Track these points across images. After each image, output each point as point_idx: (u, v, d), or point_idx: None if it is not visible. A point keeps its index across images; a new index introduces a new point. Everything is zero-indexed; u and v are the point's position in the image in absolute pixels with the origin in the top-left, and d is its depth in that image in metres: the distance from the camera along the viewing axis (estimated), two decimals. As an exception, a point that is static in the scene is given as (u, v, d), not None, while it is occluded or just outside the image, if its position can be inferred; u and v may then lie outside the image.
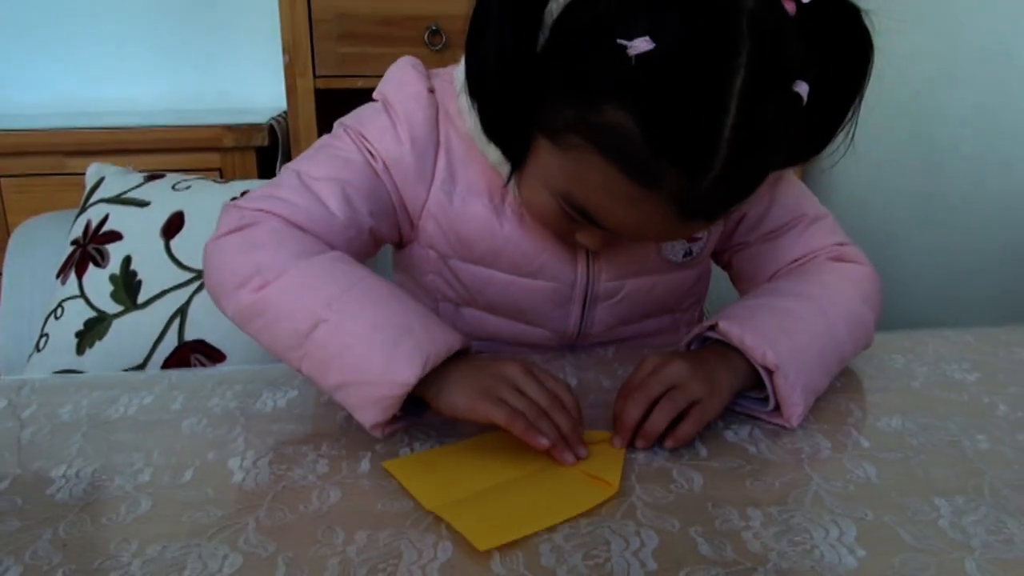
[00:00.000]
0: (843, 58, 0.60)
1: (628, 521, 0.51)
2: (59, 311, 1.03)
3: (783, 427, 0.64)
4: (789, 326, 0.66)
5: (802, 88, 0.56)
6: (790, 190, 0.79)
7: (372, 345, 0.58)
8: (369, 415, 0.58)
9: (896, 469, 0.57)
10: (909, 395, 0.70)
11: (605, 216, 0.60)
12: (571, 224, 0.65)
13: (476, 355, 0.64)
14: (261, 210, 0.66)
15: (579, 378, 0.73)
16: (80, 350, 1.00)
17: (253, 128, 1.52)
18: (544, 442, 0.56)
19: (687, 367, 0.62)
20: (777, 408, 0.64)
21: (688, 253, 0.76)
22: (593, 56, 0.54)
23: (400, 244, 0.78)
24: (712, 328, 0.67)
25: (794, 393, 0.63)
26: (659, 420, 0.59)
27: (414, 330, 0.59)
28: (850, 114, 0.62)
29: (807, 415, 0.65)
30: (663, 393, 0.60)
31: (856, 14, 0.60)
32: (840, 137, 0.63)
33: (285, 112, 1.55)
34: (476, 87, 0.61)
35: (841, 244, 0.77)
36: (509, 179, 0.67)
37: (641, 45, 0.51)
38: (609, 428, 0.62)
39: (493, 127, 0.63)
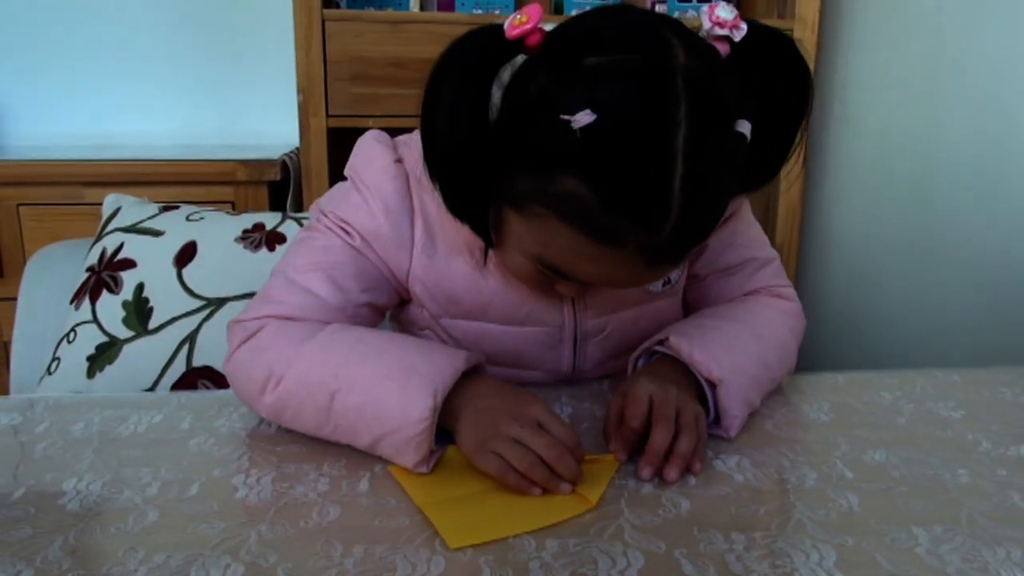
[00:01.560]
0: (783, 87, 0.62)
1: (616, 542, 0.53)
2: (71, 335, 1.06)
3: (723, 438, 0.69)
4: (731, 346, 0.73)
5: (744, 127, 0.58)
6: (747, 233, 0.85)
7: (385, 396, 0.62)
8: (409, 459, 0.62)
9: (878, 499, 0.59)
10: (895, 430, 0.72)
11: (578, 273, 0.63)
12: (552, 279, 0.67)
13: (489, 381, 0.67)
14: (258, 318, 0.70)
15: (573, 408, 0.76)
16: (90, 374, 1.03)
17: (266, 163, 1.56)
18: (536, 491, 0.59)
19: (673, 390, 0.66)
20: (717, 420, 0.70)
21: (667, 282, 0.80)
22: (540, 131, 0.56)
23: (401, 305, 0.81)
24: (662, 343, 0.73)
25: (734, 405, 0.69)
26: (686, 444, 0.63)
27: (418, 368, 0.63)
28: (798, 139, 0.64)
29: (791, 449, 0.68)
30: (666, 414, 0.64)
31: (789, 44, 0.63)
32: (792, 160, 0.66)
33: (297, 149, 1.60)
34: (435, 169, 0.62)
35: (781, 286, 0.85)
36: (487, 253, 0.71)
37: (583, 119, 0.53)
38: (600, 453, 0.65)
39: (457, 206, 0.65)
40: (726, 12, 0.61)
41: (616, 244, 0.57)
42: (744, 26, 0.62)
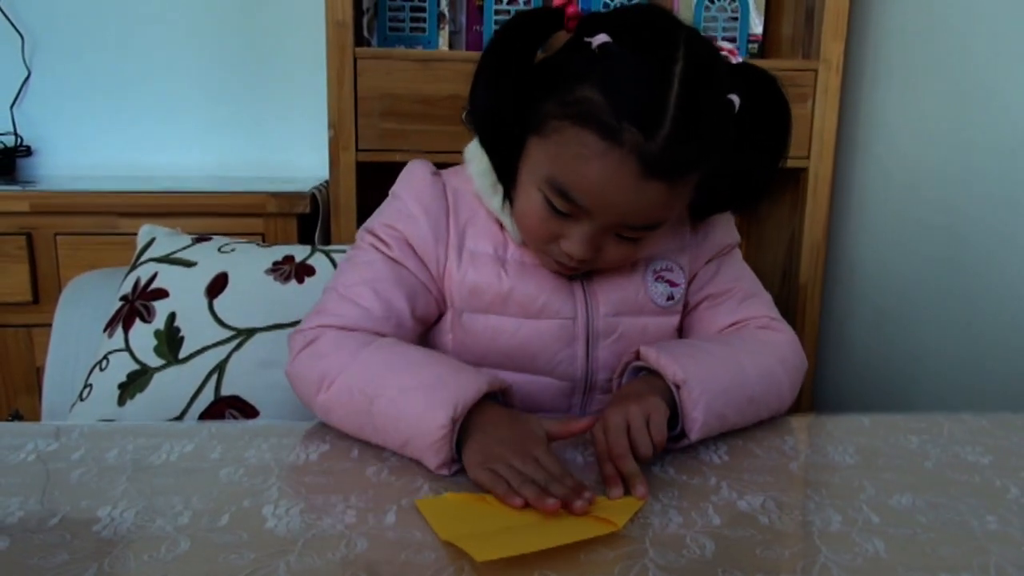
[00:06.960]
0: (766, 116, 0.77)
1: (640, 582, 0.53)
2: (104, 363, 1.08)
3: (688, 448, 0.73)
4: (700, 357, 0.78)
5: (734, 99, 0.72)
6: (735, 266, 0.92)
7: (414, 405, 0.69)
8: (430, 461, 0.68)
9: (904, 545, 0.59)
10: (922, 475, 0.71)
11: (581, 184, 0.71)
12: (558, 225, 0.75)
13: (505, 410, 0.71)
14: (318, 327, 0.80)
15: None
16: (121, 401, 1.05)
17: (296, 196, 1.59)
18: (518, 501, 0.61)
19: (618, 410, 0.71)
20: (684, 434, 0.73)
21: (670, 297, 0.86)
22: (567, 58, 0.73)
23: (440, 316, 0.86)
24: (638, 357, 0.79)
25: (696, 408, 0.73)
26: (627, 466, 0.66)
27: (447, 383, 0.70)
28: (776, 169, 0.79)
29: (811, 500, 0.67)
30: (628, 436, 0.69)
31: (773, 80, 0.77)
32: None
33: (327, 182, 1.62)
34: (478, 105, 0.77)
35: (772, 318, 0.88)
36: (506, 195, 0.81)
37: (601, 38, 0.70)
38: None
39: (492, 142, 0.78)
40: (726, 44, 0.77)
41: (615, 140, 0.68)
42: (739, 58, 0.76)
